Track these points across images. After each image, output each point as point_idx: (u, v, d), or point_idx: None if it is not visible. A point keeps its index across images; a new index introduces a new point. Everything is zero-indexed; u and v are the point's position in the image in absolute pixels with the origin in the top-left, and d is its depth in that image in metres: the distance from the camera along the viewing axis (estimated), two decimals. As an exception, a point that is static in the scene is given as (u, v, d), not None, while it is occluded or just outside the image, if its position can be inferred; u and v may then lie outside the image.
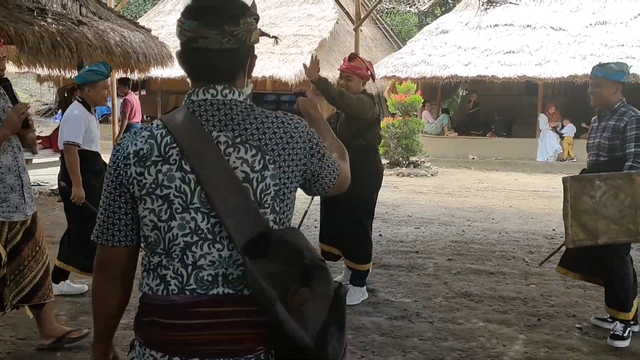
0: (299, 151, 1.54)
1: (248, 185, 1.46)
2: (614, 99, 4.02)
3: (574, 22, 15.90)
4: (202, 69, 1.54)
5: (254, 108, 1.54)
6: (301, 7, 19.54)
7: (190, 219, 1.46)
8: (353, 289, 4.62)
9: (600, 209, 3.63)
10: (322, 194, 1.70)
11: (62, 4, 8.76)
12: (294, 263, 1.41)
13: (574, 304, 4.66)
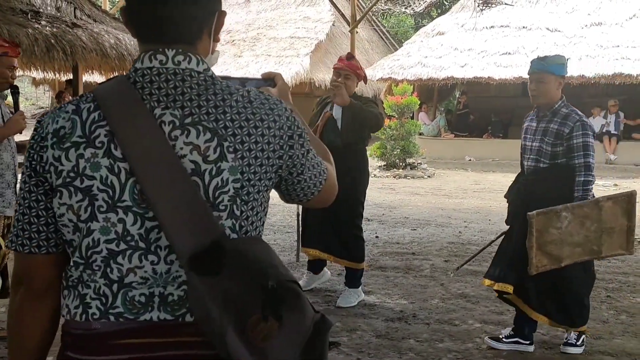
0: (273, 139, 1.21)
1: (198, 179, 1.14)
2: (556, 96, 3.65)
3: (570, 24, 15.94)
4: (149, 26, 1.21)
5: (215, 81, 1.21)
6: (297, 10, 19.56)
7: (117, 221, 1.13)
8: (348, 291, 4.61)
9: (566, 238, 3.43)
10: (302, 202, 1.35)
11: (56, 6, 8.74)
12: (257, 284, 1.06)
13: (570, 305, 4.64)
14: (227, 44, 18.64)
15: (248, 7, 20.56)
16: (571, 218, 3.42)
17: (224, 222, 1.15)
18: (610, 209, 3.49)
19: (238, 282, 1.07)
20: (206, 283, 1.07)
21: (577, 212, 3.43)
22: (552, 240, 3.40)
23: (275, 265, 1.11)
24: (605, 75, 13.93)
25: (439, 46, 16.30)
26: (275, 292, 1.05)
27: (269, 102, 1.24)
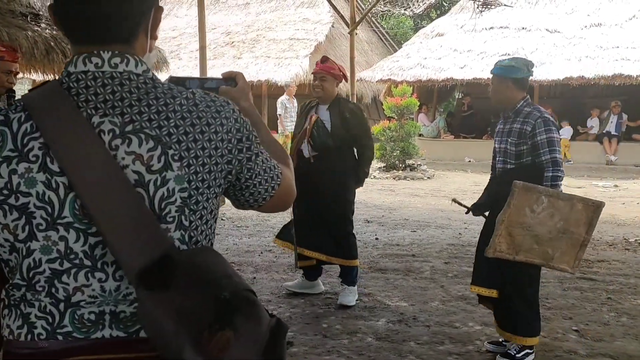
0: (220, 144, 1.15)
1: (142, 190, 1.08)
2: (514, 98, 3.64)
3: (569, 24, 15.94)
4: (81, 26, 1.12)
5: (156, 84, 1.13)
6: (296, 11, 19.55)
7: (59, 239, 1.07)
8: (348, 290, 4.64)
9: (534, 225, 3.37)
10: (253, 208, 1.30)
11: (56, 9, 8.75)
12: (210, 296, 1.02)
13: (570, 307, 4.64)
14: (227, 45, 18.64)
15: (247, 9, 20.56)
16: (546, 205, 3.36)
17: (172, 234, 1.11)
18: (578, 212, 3.44)
19: (191, 295, 1.02)
20: (156, 298, 1.01)
21: (552, 201, 3.38)
22: (522, 222, 3.35)
23: (229, 275, 1.07)
24: (605, 76, 13.92)
25: (439, 47, 16.30)
26: (230, 302, 1.02)
27: (215, 105, 1.17)
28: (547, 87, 15.77)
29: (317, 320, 4.30)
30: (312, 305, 4.62)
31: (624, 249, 6.59)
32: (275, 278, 5.32)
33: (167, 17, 21.64)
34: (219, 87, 1.40)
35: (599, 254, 6.28)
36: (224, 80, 1.43)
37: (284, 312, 4.44)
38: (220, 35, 19.26)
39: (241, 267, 5.68)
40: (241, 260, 5.92)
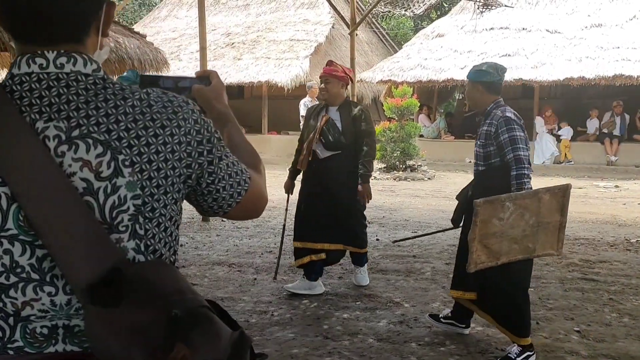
0: (178, 147, 1.09)
1: (91, 199, 1.02)
2: (485, 101, 3.76)
3: (570, 25, 15.93)
4: (25, 24, 1.05)
5: (107, 84, 1.07)
6: (297, 12, 19.55)
7: (3, 252, 1.01)
8: (361, 270, 5.13)
9: (506, 231, 3.40)
10: (218, 214, 1.24)
11: (56, 10, 8.75)
12: (162, 313, 0.96)
13: (572, 307, 4.63)
14: (227, 46, 18.64)
15: (247, 10, 20.55)
16: (513, 209, 3.38)
17: (126, 243, 1.05)
18: (547, 202, 3.48)
19: (142, 311, 0.95)
20: (104, 315, 0.96)
21: (519, 203, 3.40)
22: (494, 232, 3.37)
23: (181, 291, 1.01)
24: (605, 77, 13.91)
25: (439, 48, 16.29)
26: (181, 320, 0.96)
27: (172, 105, 1.11)
28: (547, 88, 15.77)
29: (318, 321, 4.28)
30: (313, 306, 4.61)
31: (625, 249, 6.57)
32: (276, 279, 5.30)
33: (167, 18, 21.66)
34: (192, 85, 1.34)
35: (600, 255, 6.27)
36: (198, 79, 1.37)
37: (285, 313, 4.43)
38: (221, 37, 19.26)
39: (242, 268, 5.67)
40: (242, 261, 5.91)
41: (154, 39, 20.17)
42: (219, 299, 4.73)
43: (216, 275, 5.43)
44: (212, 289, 5.03)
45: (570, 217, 8.62)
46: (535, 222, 3.44)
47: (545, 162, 14.96)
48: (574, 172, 14.10)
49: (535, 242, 3.49)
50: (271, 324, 4.22)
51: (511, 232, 3.40)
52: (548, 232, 3.52)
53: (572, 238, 7.07)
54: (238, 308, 4.54)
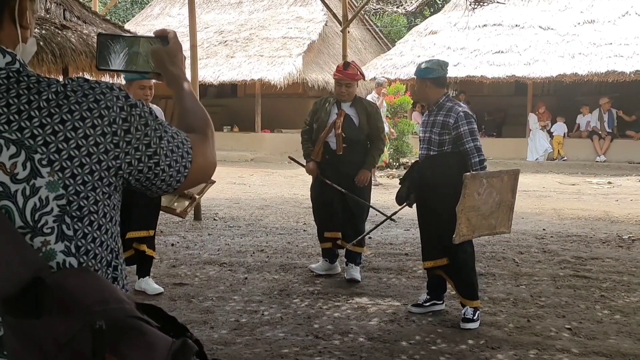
0: (102, 139, 1.03)
1: (9, 203, 0.96)
2: (432, 95, 4.24)
3: (562, 22, 15.94)
4: None
5: (21, 78, 1.01)
6: (289, 10, 19.49)
7: None
8: (356, 267, 5.16)
9: (480, 206, 3.86)
10: (168, 192, 1.21)
11: (45, 8, 8.67)
12: (85, 325, 0.89)
13: (563, 305, 4.61)
14: (220, 44, 18.57)
15: (240, 8, 20.48)
16: (486, 186, 3.86)
17: (54, 246, 0.99)
18: (506, 183, 4.01)
19: (63, 323, 0.89)
20: (23, 328, 0.89)
21: (489, 181, 3.90)
22: (473, 205, 3.81)
23: (105, 300, 0.93)
24: (598, 73, 13.93)
25: (432, 45, 16.27)
26: (106, 332, 0.88)
27: (94, 93, 1.03)
28: (540, 85, 15.79)
29: (309, 320, 4.26)
30: (304, 305, 4.58)
31: (617, 246, 6.57)
32: (267, 278, 5.27)
33: (160, 16, 21.56)
34: (153, 46, 1.28)
35: (592, 251, 6.26)
36: (157, 38, 1.30)
37: (275, 312, 4.40)
38: (213, 34, 19.18)
39: (233, 267, 5.64)
40: (233, 260, 5.87)
41: (146, 37, 20.13)
42: (210, 299, 4.71)
43: (207, 275, 5.39)
44: (202, 288, 4.99)
45: (563, 213, 8.67)
46: (498, 200, 3.96)
47: (539, 159, 14.97)
48: (567, 169, 14.11)
49: (496, 219, 3.99)
50: (262, 324, 4.19)
51: (483, 208, 3.90)
52: (504, 211, 4.03)
53: (565, 235, 7.06)
54: (228, 308, 4.50)
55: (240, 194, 10.01)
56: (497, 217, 3.99)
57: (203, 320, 4.24)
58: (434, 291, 4.45)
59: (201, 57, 17.79)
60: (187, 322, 4.18)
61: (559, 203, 9.57)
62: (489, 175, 3.98)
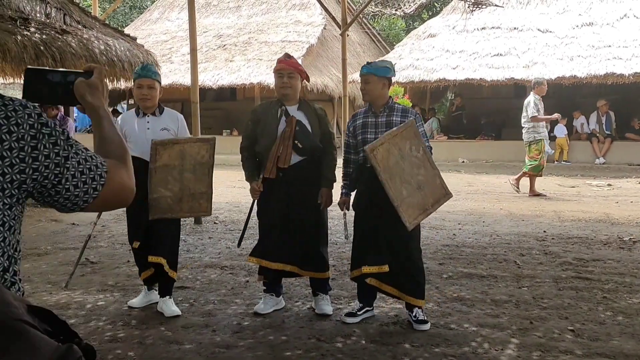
0: (9, 154, 1.09)
1: None
2: (385, 95, 4.24)
3: (561, 24, 15.98)
4: None
5: None
6: (288, 14, 19.53)
7: None
8: (326, 298, 4.48)
9: (405, 160, 3.98)
10: (75, 210, 1.25)
11: (45, 13, 8.70)
12: None
13: (566, 306, 4.60)
14: (219, 48, 18.58)
15: (239, 12, 20.52)
16: (420, 156, 4.00)
17: None
18: (437, 187, 4.11)
19: None
20: None
21: (424, 158, 4.03)
22: (401, 149, 3.90)
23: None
24: (597, 76, 13.95)
25: (431, 48, 16.29)
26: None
27: (6, 110, 1.09)
28: (539, 87, 15.75)
29: (311, 323, 4.25)
30: (306, 308, 4.57)
31: (618, 247, 6.56)
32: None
33: (159, 21, 21.58)
34: (77, 79, 1.36)
35: (593, 253, 6.25)
36: (85, 73, 1.39)
37: (277, 315, 4.39)
38: (212, 39, 19.21)
39: (234, 270, 5.62)
40: (234, 264, 5.86)
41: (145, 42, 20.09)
42: (211, 302, 4.70)
43: (208, 278, 5.38)
44: (204, 291, 4.98)
45: (564, 215, 8.66)
46: (420, 182, 4.01)
47: (538, 161, 14.94)
48: (567, 171, 14.11)
49: (411, 196, 3.98)
50: (264, 327, 4.18)
51: (406, 166, 3.95)
52: (418, 201, 4.00)
53: (566, 237, 7.05)
54: (230, 311, 4.49)
55: (240, 198, 9.99)
56: (413, 195, 3.96)
57: (205, 324, 4.22)
58: (366, 298, 4.35)
59: (200, 61, 17.81)
60: (189, 326, 4.18)
61: (559, 205, 9.56)
62: (428, 154, 4.06)
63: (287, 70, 4.30)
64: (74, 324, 4.23)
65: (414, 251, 4.20)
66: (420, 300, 4.18)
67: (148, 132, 4.40)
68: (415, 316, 4.16)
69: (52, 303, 4.68)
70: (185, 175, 4.38)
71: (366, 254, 4.20)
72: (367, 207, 4.22)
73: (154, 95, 4.41)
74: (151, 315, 4.40)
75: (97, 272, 5.65)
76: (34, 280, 5.31)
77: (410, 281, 4.17)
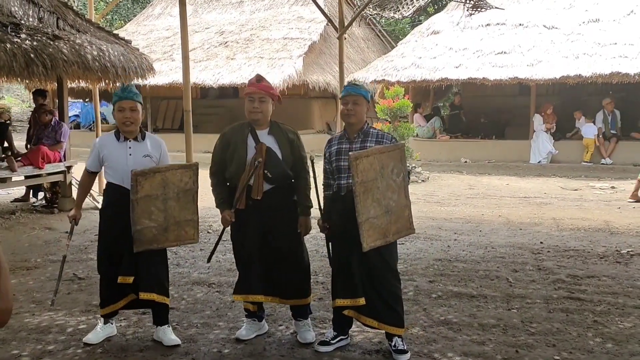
0: None
1: None
2: (364, 118, 4.15)
3: (567, 20, 15.73)
4: None
5: None
6: (290, 9, 19.38)
7: None
8: (307, 324, 4.38)
9: (381, 180, 3.90)
10: None
11: (38, 17, 8.61)
12: None
13: (555, 332, 4.50)
14: (220, 45, 18.46)
15: (241, 7, 20.37)
16: (397, 180, 3.94)
17: None
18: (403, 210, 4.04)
19: None
20: None
21: (398, 183, 3.96)
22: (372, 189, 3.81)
23: None
24: (602, 75, 13.70)
25: (434, 46, 16.09)
26: None
27: None
28: (545, 86, 15.57)
29: (293, 351, 4.17)
30: (289, 334, 4.49)
31: (615, 261, 6.44)
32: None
33: (161, 16, 21.47)
34: None
35: (589, 269, 6.14)
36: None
37: (260, 342, 4.31)
38: (214, 35, 19.09)
39: (221, 288, 5.55)
40: (222, 280, 5.79)
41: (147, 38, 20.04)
42: (194, 325, 4.63)
43: (194, 297, 5.32)
44: (188, 313, 4.91)
45: (562, 223, 8.53)
46: (391, 207, 3.94)
47: (542, 162, 14.79)
48: (570, 172, 13.94)
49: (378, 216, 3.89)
50: (244, 355, 4.10)
51: (382, 186, 3.89)
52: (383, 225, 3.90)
53: (562, 249, 6.94)
54: (212, 336, 4.42)
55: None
56: (394, 213, 3.93)
57: (185, 351, 4.16)
58: (341, 327, 4.22)
59: (202, 58, 17.72)
60: (169, 354, 4.11)
61: (559, 211, 9.43)
62: (405, 179, 4.02)
63: (258, 94, 4.15)
64: (52, 350, 4.18)
65: (391, 280, 4.08)
66: (399, 329, 4.07)
67: (130, 159, 4.22)
68: (394, 345, 4.05)
69: (34, 326, 4.63)
70: (169, 204, 4.22)
71: (340, 286, 4.11)
72: (341, 238, 4.10)
73: (136, 118, 4.23)
74: (132, 342, 4.34)
75: (83, 289, 5.59)
76: (18, 298, 5.26)
77: (388, 311, 4.05)
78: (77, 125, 20.61)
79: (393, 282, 4.10)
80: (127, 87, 4.33)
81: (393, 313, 4.06)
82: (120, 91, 4.29)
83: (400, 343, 4.06)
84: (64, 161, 9.29)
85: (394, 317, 4.06)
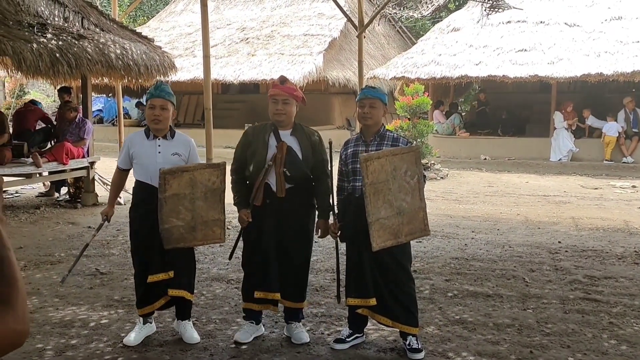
0: None
1: None
2: (381, 121, 4.23)
3: (589, 18, 15.59)
4: None
5: None
6: (311, 6, 19.43)
7: None
8: (300, 326, 4.44)
9: (392, 181, 3.94)
10: None
11: (64, 17, 8.77)
12: None
13: (570, 333, 4.53)
14: (242, 42, 18.58)
15: (262, 4, 20.47)
16: (409, 179, 3.96)
17: None
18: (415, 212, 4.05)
19: None
20: None
21: (414, 183, 3.96)
22: (382, 190, 3.85)
23: None
24: (624, 73, 13.57)
25: (454, 43, 16.05)
26: None
27: None
28: (566, 83, 15.46)
29: (309, 348, 4.25)
30: (306, 330, 4.57)
31: (633, 262, 6.43)
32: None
33: (183, 12, 21.65)
34: None
35: (606, 269, 6.14)
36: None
37: (277, 338, 4.41)
38: (235, 31, 19.21)
39: (240, 284, 5.62)
40: (241, 277, 5.83)
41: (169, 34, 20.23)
42: (213, 321, 4.73)
43: (213, 293, 5.42)
44: (207, 309, 5.02)
45: (581, 223, 8.50)
46: (403, 208, 3.96)
47: (562, 159, 14.70)
48: (591, 170, 13.85)
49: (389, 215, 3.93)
50: (261, 351, 4.20)
51: (392, 185, 3.89)
52: (394, 227, 3.94)
53: (580, 249, 6.93)
54: (230, 332, 4.52)
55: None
56: (390, 217, 3.89)
57: (204, 346, 4.26)
58: (356, 325, 4.29)
59: (222, 55, 17.86)
60: (188, 349, 4.22)
61: (578, 211, 9.39)
62: (420, 180, 4.02)
63: (281, 96, 4.19)
64: (75, 344, 4.31)
65: (404, 280, 4.15)
66: (414, 328, 4.13)
67: (158, 157, 4.26)
68: (409, 344, 4.12)
69: (57, 320, 4.77)
70: (197, 204, 4.23)
71: (352, 286, 4.19)
72: (354, 239, 4.16)
73: (166, 117, 4.26)
74: (152, 337, 4.45)
75: (105, 284, 5.72)
76: (42, 293, 5.41)
77: (402, 310, 4.11)
78: (100, 119, 20.88)
79: (406, 282, 4.17)
80: (160, 86, 4.35)
81: (407, 313, 4.12)
82: (153, 89, 4.33)
83: (414, 342, 4.12)
84: (87, 157, 9.47)
85: (407, 317, 4.12)
